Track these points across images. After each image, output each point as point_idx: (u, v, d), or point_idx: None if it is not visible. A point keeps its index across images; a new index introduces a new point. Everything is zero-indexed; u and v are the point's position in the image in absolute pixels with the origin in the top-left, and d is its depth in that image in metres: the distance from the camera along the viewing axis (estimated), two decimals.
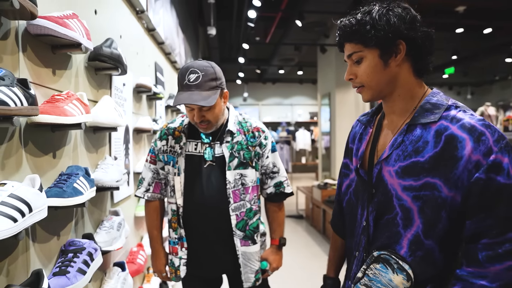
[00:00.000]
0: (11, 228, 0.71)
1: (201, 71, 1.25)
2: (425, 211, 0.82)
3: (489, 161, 0.76)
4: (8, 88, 0.73)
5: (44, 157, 1.03)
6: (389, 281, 0.82)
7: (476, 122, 0.80)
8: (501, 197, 0.75)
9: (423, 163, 0.82)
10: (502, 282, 0.74)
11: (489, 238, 0.76)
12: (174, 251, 1.47)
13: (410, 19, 0.85)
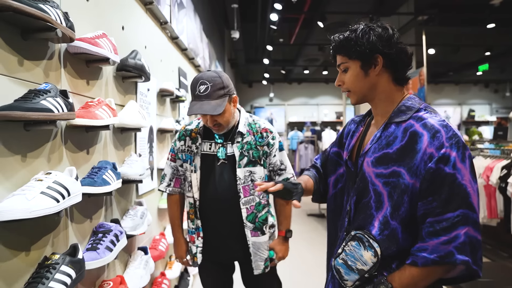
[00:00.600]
0: (54, 207, 0.91)
1: (209, 82, 1.39)
2: (392, 196, 0.94)
3: (440, 153, 0.88)
4: (53, 98, 0.94)
5: (80, 153, 1.25)
6: (360, 256, 0.96)
7: (436, 122, 0.93)
8: (445, 184, 0.87)
9: (392, 154, 0.96)
10: (438, 254, 0.86)
11: (432, 216, 0.88)
12: (191, 239, 1.64)
13: (387, 38, 0.99)
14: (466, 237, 0.86)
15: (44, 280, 0.91)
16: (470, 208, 0.87)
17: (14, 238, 0.90)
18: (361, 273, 0.96)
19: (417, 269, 0.89)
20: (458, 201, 0.87)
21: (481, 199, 3.92)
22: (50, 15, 0.91)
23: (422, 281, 0.91)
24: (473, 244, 0.86)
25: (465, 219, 0.86)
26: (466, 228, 0.86)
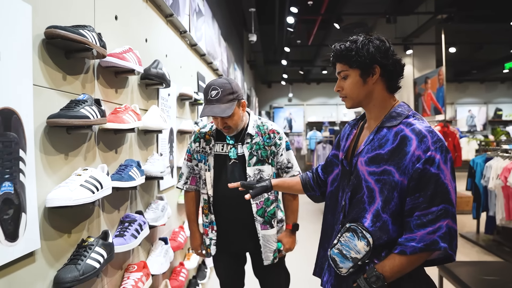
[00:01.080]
0: (90, 197, 1.10)
1: (220, 88, 1.53)
2: (383, 191, 1.06)
3: (426, 156, 1.00)
4: (89, 107, 1.13)
5: (109, 153, 1.44)
6: (355, 246, 1.08)
7: (423, 128, 1.04)
8: (431, 182, 0.99)
9: (383, 155, 1.08)
10: (425, 243, 0.98)
11: (419, 210, 1.00)
12: (205, 232, 1.77)
13: (384, 50, 1.10)
14: (447, 228, 0.98)
15: (82, 257, 1.10)
16: (450, 204, 0.99)
17: (59, 222, 1.10)
18: (355, 261, 1.08)
19: (406, 257, 1.01)
20: (441, 197, 0.98)
21: (499, 200, 3.88)
22: (88, 38, 1.10)
23: (409, 267, 1.02)
24: (451, 233, 0.99)
25: (446, 212, 0.98)
26: (447, 220, 0.98)
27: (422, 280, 1.11)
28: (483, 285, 1.96)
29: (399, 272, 1.03)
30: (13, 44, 0.89)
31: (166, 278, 2.08)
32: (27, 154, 0.93)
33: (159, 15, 2.08)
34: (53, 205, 1.00)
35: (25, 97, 0.93)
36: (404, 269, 1.03)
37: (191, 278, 2.71)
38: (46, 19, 1.03)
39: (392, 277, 1.03)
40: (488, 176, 4.00)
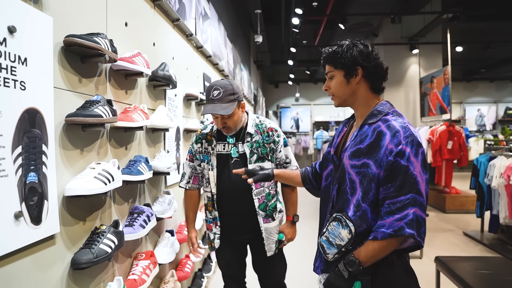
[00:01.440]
0: (103, 188, 1.22)
1: (222, 88, 1.62)
2: (363, 183, 1.16)
3: (398, 149, 1.09)
4: (102, 106, 1.25)
5: (120, 149, 1.57)
6: (339, 234, 1.17)
7: (397, 124, 1.13)
8: (400, 173, 1.08)
9: (363, 149, 1.17)
10: (393, 229, 1.06)
11: (389, 199, 1.09)
12: (209, 227, 1.84)
13: (367, 53, 1.20)
14: (414, 216, 1.06)
15: (96, 242, 1.23)
16: (418, 193, 1.07)
17: (75, 210, 1.22)
18: (339, 247, 1.17)
19: (377, 242, 1.09)
20: (409, 187, 1.07)
21: (502, 199, 3.90)
22: (101, 45, 1.22)
23: (382, 253, 1.11)
24: (419, 221, 1.07)
25: (414, 201, 1.06)
26: (414, 209, 1.06)
27: (401, 267, 1.19)
28: (476, 278, 2.03)
29: (373, 257, 1.11)
30: (38, 51, 1.01)
31: (172, 269, 2.20)
32: (48, 149, 1.06)
33: (166, 20, 2.20)
34: (71, 194, 1.12)
35: (47, 98, 1.05)
36: (377, 254, 1.11)
37: (197, 270, 2.83)
38: (64, 29, 1.15)
39: (367, 261, 1.11)
40: (492, 175, 4.03)
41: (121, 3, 1.58)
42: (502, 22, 7.74)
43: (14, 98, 0.92)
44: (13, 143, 0.92)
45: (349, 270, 1.12)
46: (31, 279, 1.00)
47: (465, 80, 12.23)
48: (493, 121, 12.10)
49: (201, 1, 3.16)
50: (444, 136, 6.03)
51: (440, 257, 2.42)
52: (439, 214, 5.85)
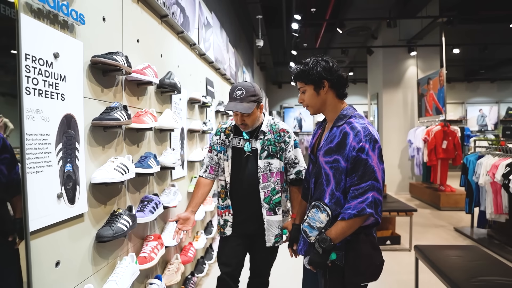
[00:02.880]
0: (121, 178, 1.51)
1: (245, 89, 1.77)
2: (335, 175, 1.42)
3: (359, 146, 1.35)
4: (120, 111, 1.54)
5: (133, 146, 1.86)
6: (319, 218, 1.42)
7: (359, 125, 1.39)
8: (361, 165, 1.34)
9: (333, 147, 1.43)
10: (357, 210, 1.32)
11: (354, 186, 1.35)
12: (220, 213, 1.97)
13: (329, 68, 1.46)
14: (373, 198, 1.33)
15: (115, 222, 1.52)
16: (375, 180, 1.34)
17: (99, 195, 1.51)
18: (319, 229, 1.43)
19: (345, 222, 1.36)
20: (369, 176, 1.34)
21: (488, 196, 4.12)
22: (119, 62, 1.50)
23: (349, 230, 1.37)
24: (376, 202, 1.33)
25: (372, 186, 1.33)
26: (373, 193, 1.33)
27: (369, 243, 1.45)
28: (446, 262, 2.28)
29: (342, 234, 1.37)
30: (73, 70, 1.30)
31: (177, 253, 2.49)
32: (79, 146, 1.35)
33: (172, 33, 2.48)
34: (96, 182, 1.42)
35: (78, 106, 1.34)
36: (345, 231, 1.36)
37: (199, 258, 3.12)
38: (91, 50, 1.44)
39: (337, 238, 1.37)
40: (479, 172, 4.25)
41: (134, 23, 1.87)
42: (497, 25, 7.91)
43: (57, 107, 1.21)
44: (56, 141, 1.21)
45: (322, 247, 1.37)
46: (67, 246, 1.30)
47: (467, 80, 12.36)
48: (494, 121, 12.20)
49: (204, 11, 3.44)
50: (439, 136, 6.24)
51: (418, 246, 2.68)
52: (433, 211, 6.07)
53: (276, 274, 2.31)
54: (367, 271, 1.42)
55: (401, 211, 3.95)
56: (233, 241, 1.96)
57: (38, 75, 1.12)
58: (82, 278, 1.39)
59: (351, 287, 1.43)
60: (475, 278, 1.98)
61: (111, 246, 1.61)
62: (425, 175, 7.04)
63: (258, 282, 2.10)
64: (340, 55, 8.11)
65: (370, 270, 1.43)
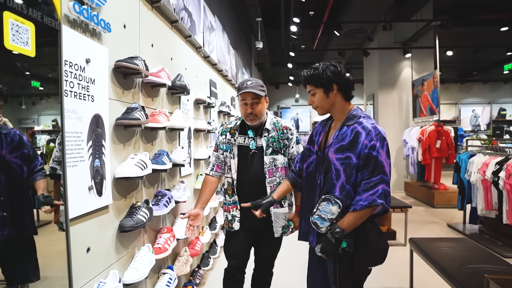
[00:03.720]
0: (140, 173, 1.63)
1: (254, 81, 1.94)
2: (346, 170, 1.54)
3: (371, 144, 1.49)
4: (139, 112, 1.66)
5: (148, 144, 1.98)
6: (330, 210, 1.54)
7: (369, 125, 1.53)
8: (372, 161, 1.47)
9: (345, 145, 1.56)
10: (368, 201, 1.45)
11: (365, 180, 1.48)
12: (227, 209, 2.06)
13: (337, 72, 1.59)
14: (382, 190, 1.46)
15: (135, 213, 1.65)
16: (384, 174, 1.47)
17: (120, 189, 1.64)
18: (331, 220, 1.53)
19: (357, 213, 1.48)
20: (378, 170, 1.47)
21: (479, 192, 4.30)
22: (139, 66, 1.63)
23: (359, 220, 1.49)
24: (386, 193, 1.47)
25: (382, 180, 1.47)
26: (382, 185, 1.46)
27: (375, 231, 1.58)
28: (438, 253, 2.44)
29: (353, 224, 1.49)
30: (100, 73, 1.43)
31: (185, 246, 2.62)
32: (105, 142, 1.48)
33: (181, 37, 2.61)
34: (120, 176, 1.55)
35: (104, 106, 1.47)
36: (356, 222, 1.49)
37: (205, 252, 3.25)
38: (114, 55, 1.57)
39: (348, 228, 1.49)
40: (471, 170, 4.43)
41: (149, 29, 2.00)
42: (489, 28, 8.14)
43: (88, 107, 1.34)
44: (87, 138, 1.34)
45: (335, 237, 1.48)
46: (96, 235, 1.42)
47: (460, 81, 12.61)
48: (487, 121, 12.46)
49: (208, 15, 3.57)
50: (433, 135, 6.43)
51: (413, 238, 2.83)
52: (428, 209, 6.25)
53: (279, 266, 2.45)
54: (374, 256, 1.56)
55: (396, 208, 4.11)
56: (240, 235, 2.06)
57: (74, 79, 1.25)
58: (107, 264, 1.51)
59: (358, 271, 1.56)
60: (465, 266, 2.14)
61: (131, 236, 1.74)
62: (419, 174, 7.23)
63: (263, 273, 2.23)
64: (337, 56, 8.28)
65: (377, 254, 1.56)
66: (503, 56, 9.49)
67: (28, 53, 0.98)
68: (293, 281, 2.96)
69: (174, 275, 2.15)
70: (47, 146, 1.28)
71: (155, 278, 2.07)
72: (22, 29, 0.95)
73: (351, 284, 1.56)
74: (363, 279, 1.62)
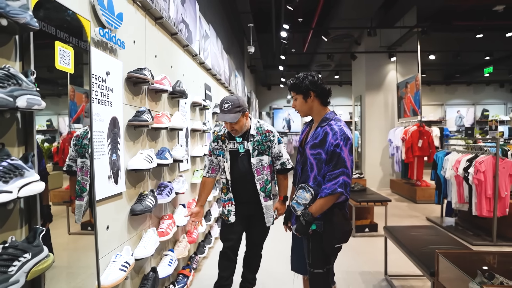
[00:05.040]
0: (148, 165, 1.94)
1: (231, 102, 2.18)
2: (318, 164, 1.86)
3: (335, 143, 1.80)
4: (147, 114, 1.97)
5: (152, 142, 2.29)
6: (304, 196, 1.86)
7: (337, 127, 1.85)
8: (335, 156, 1.78)
9: (317, 143, 1.88)
10: (331, 190, 1.76)
11: (329, 172, 1.79)
12: (224, 205, 2.37)
13: (314, 82, 1.92)
14: (343, 181, 1.78)
15: (143, 200, 1.95)
16: (345, 167, 1.78)
17: (131, 179, 1.94)
18: (304, 205, 1.87)
19: (322, 199, 1.80)
20: (340, 164, 1.79)
21: (453, 187, 4.68)
22: (147, 75, 1.94)
23: (325, 206, 1.81)
24: (346, 184, 1.78)
25: (343, 172, 1.78)
26: (343, 177, 1.78)
27: (341, 215, 1.90)
28: (407, 237, 2.78)
29: (320, 209, 1.81)
30: (116, 83, 1.73)
31: (183, 233, 2.93)
32: (120, 140, 1.78)
33: (179, 47, 2.92)
34: (131, 168, 1.85)
35: (119, 110, 1.77)
36: (322, 207, 1.80)
37: (200, 241, 3.56)
38: (127, 67, 1.87)
39: (316, 212, 1.81)
40: (446, 167, 4.81)
41: (153, 42, 2.30)
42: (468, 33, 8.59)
43: (107, 111, 1.64)
44: (107, 136, 1.64)
45: (305, 219, 1.82)
46: (113, 216, 1.73)
47: (445, 83, 13.11)
48: (471, 122, 12.97)
49: (203, 24, 3.88)
50: (415, 135, 6.82)
51: (387, 227, 3.18)
52: (410, 204, 6.64)
53: (268, 255, 2.77)
54: (339, 236, 1.88)
55: (377, 201, 4.47)
56: (237, 223, 2.37)
57: (98, 88, 1.55)
58: (121, 242, 1.82)
59: (328, 248, 1.89)
60: (426, 247, 2.48)
61: (139, 220, 2.04)
62: (403, 172, 7.62)
63: (253, 254, 2.56)
64: (326, 59, 8.64)
65: (341, 234, 1.88)
66: (482, 60, 9.98)
67: (69, 71, 1.29)
68: (280, 267, 3.29)
69: (175, 257, 2.46)
70: (42, 146, 1.36)
71: (158, 259, 2.37)
72: (65, 53, 1.25)
73: (321, 259, 1.88)
74: (333, 256, 1.94)
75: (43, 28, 1.15)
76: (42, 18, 1.13)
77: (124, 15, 1.81)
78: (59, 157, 1.46)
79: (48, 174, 1.35)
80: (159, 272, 2.17)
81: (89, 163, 1.48)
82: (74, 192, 1.48)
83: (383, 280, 3.12)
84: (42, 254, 1.04)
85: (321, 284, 1.89)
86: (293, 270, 2.11)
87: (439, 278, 2.00)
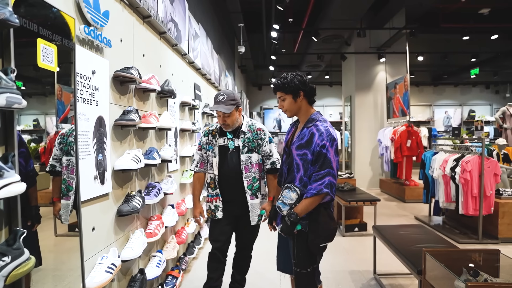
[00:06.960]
0: (135, 166, 1.91)
1: (226, 95, 2.19)
2: (304, 165, 1.87)
3: (322, 143, 1.81)
4: (134, 114, 1.94)
5: (140, 142, 2.26)
6: (290, 196, 1.86)
7: (323, 128, 1.85)
8: (322, 157, 1.79)
9: (303, 144, 1.89)
10: (316, 190, 1.77)
11: (315, 173, 1.80)
12: (210, 200, 2.36)
13: (303, 81, 1.92)
14: (329, 181, 1.78)
15: (130, 201, 1.93)
16: (331, 168, 1.79)
17: (118, 180, 1.91)
18: (290, 205, 1.87)
19: (308, 199, 1.80)
20: (326, 165, 1.79)
21: (440, 186, 4.76)
22: (133, 75, 1.92)
23: (311, 206, 1.81)
24: (331, 184, 1.79)
25: (328, 173, 1.79)
26: (329, 177, 1.78)
27: (326, 215, 1.92)
28: (395, 236, 2.81)
29: (305, 209, 1.80)
30: (102, 82, 1.71)
31: (172, 234, 2.90)
32: (106, 140, 1.75)
33: (168, 46, 2.89)
34: (118, 168, 1.82)
35: (105, 109, 1.74)
36: (308, 207, 1.80)
37: (190, 242, 3.53)
38: (113, 66, 1.84)
39: (302, 212, 1.80)
40: (434, 167, 4.88)
41: (141, 41, 2.27)
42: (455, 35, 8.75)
43: (93, 110, 1.61)
44: (93, 136, 1.61)
45: (290, 220, 1.81)
46: (99, 217, 1.70)
47: (433, 84, 13.33)
48: (458, 122, 13.21)
49: (193, 24, 3.85)
50: (404, 135, 6.91)
51: (376, 226, 3.21)
52: (399, 204, 6.73)
53: (257, 254, 2.77)
54: (324, 235, 1.88)
55: (366, 201, 4.51)
56: (222, 222, 2.35)
57: (83, 87, 1.52)
58: (108, 243, 1.79)
59: (313, 247, 1.89)
60: (414, 246, 2.51)
61: (126, 221, 2.01)
62: (392, 171, 7.71)
63: (243, 256, 2.54)
64: (316, 60, 8.69)
65: (327, 234, 1.89)
66: (468, 61, 10.17)
67: (52, 69, 1.26)
68: (268, 266, 3.29)
69: (163, 258, 2.43)
70: (28, 146, 1.34)
71: (146, 260, 2.34)
72: (49, 51, 1.22)
73: (307, 259, 1.87)
74: (318, 256, 1.94)
75: (25, 25, 1.12)
76: (23, 15, 1.11)
77: (111, 13, 1.78)
78: (46, 157, 1.43)
79: (37, 175, 1.33)
80: (147, 273, 2.15)
81: (75, 161, 1.45)
82: (57, 193, 1.45)
83: (372, 279, 3.15)
84: (22, 257, 1.01)
85: (307, 284, 1.89)
86: (279, 270, 2.11)
87: (426, 276, 2.02)
